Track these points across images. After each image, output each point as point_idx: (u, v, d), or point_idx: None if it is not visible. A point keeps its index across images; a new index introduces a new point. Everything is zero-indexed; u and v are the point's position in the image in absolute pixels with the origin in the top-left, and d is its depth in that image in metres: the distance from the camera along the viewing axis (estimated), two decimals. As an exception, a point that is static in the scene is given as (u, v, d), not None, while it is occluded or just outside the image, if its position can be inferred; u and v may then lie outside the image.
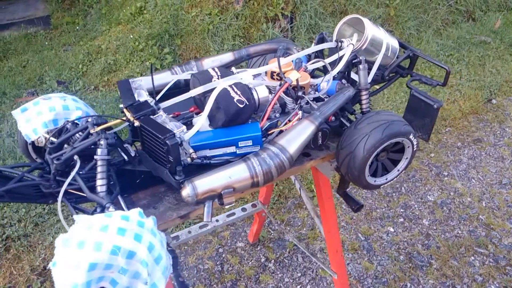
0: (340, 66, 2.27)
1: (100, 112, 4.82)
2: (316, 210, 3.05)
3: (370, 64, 2.47)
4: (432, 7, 6.29)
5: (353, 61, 2.33)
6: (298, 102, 2.18)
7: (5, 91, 5.07)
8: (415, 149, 2.29)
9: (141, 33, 5.22)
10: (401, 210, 4.32)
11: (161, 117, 2.00)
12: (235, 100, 2.04)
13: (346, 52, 2.32)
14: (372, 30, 2.36)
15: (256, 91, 2.15)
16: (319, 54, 2.58)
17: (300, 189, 3.12)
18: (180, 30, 5.26)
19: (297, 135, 2.03)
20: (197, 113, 2.21)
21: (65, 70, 5.31)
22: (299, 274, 3.77)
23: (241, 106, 2.04)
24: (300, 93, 2.16)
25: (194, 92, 2.09)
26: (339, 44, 2.40)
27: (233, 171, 1.93)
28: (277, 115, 2.23)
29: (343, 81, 2.34)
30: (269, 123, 2.19)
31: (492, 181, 4.63)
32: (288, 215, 4.26)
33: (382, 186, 2.36)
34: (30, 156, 2.20)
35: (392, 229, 4.15)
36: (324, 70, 2.49)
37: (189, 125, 2.23)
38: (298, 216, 4.25)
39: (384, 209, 4.34)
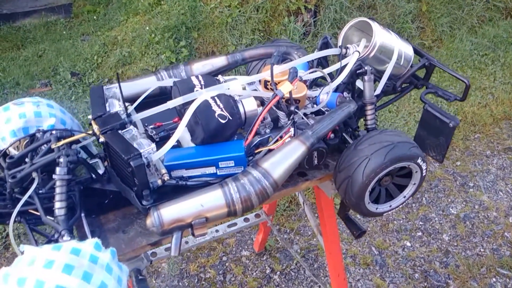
0: (341, 77, 1.98)
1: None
2: (320, 228, 2.77)
3: (380, 74, 2.17)
4: (468, 3, 5.86)
5: (358, 71, 2.04)
6: (291, 117, 1.91)
7: (19, 81, 4.94)
8: (424, 174, 1.99)
9: (157, 24, 5.00)
10: (420, 223, 4.00)
11: (131, 132, 1.76)
12: (216, 114, 1.78)
13: (350, 61, 2.02)
14: (381, 36, 2.06)
15: (242, 104, 1.88)
16: (323, 61, 2.30)
17: (303, 204, 2.85)
18: (198, 23, 5.01)
19: (283, 157, 1.76)
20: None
21: (80, 61, 5.14)
22: (305, 289, 3.52)
23: (223, 121, 1.78)
24: (293, 108, 1.89)
25: (172, 104, 1.84)
26: (344, 50, 2.11)
27: (206, 198, 1.68)
28: (268, 130, 1.97)
29: (345, 94, 2.04)
30: (259, 139, 1.93)
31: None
32: (299, 223, 4.00)
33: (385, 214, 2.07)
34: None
35: (409, 244, 3.84)
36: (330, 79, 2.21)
37: (169, 138, 2.00)
38: (308, 224, 3.97)
39: (402, 221, 4.03)
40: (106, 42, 5.19)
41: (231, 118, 1.80)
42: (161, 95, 2.09)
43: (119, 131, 1.75)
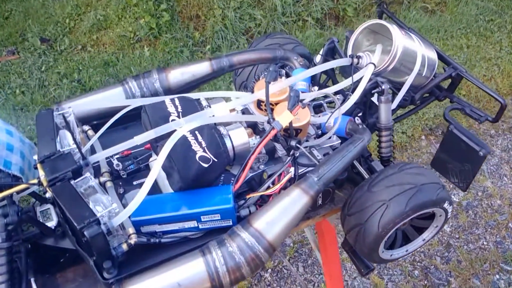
0: (353, 100, 1.57)
1: (87, 78, 4.18)
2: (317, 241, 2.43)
3: (397, 85, 1.77)
4: (474, -39, 5.33)
5: (373, 91, 1.63)
6: (291, 153, 1.51)
7: (-18, 48, 4.42)
8: (449, 216, 1.64)
9: (136, -17, 4.45)
10: (420, 212, 3.68)
11: (87, 182, 1.36)
12: (197, 157, 1.38)
13: (364, 77, 1.61)
14: (403, 43, 1.64)
15: (230, 138, 1.48)
16: (330, 71, 1.88)
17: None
18: (181, -18, 4.47)
19: (281, 213, 1.38)
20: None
21: (51, 25, 4.60)
22: (298, 288, 3.23)
23: (206, 166, 1.38)
24: (293, 143, 1.49)
25: (140, 140, 1.42)
26: (355, 61, 1.69)
27: (184, 273, 1.30)
28: (262, 166, 1.57)
29: (357, 119, 1.64)
30: (251, 175, 1.55)
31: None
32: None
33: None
34: None
35: (407, 236, 3.53)
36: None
37: (144, 171, 1.60)
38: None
39: (400, 210, 3.70)
40: (79, 3, 4.65)
41: (216, 160, 1.40)
42: (133, 110, 1.67)
43: (72, 182, 1.34)
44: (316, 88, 1.75)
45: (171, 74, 1.74)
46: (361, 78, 1.61)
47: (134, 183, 1.59)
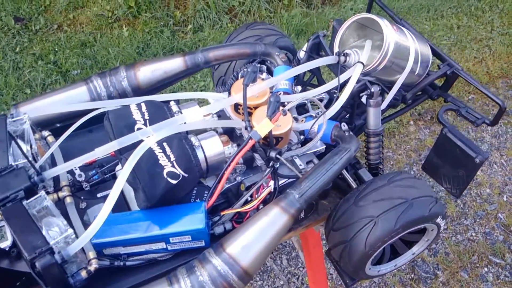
0: (339, 104, 1.43)
1: (63, 60, 3.97)
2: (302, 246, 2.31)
3: (388, 84, 1.63)
4: None
5: (362, 94, 1.48)
6: (271, 165, 1.37)
7: (-49, 26, 4.18)
8: (441, 230, 1.52)
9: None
10: (408, 202, 3.58)
11: (42, 202, 1.21)
12: (164, 173, 1.23)
13: (352, 78, 1.46)
14: (394, 40, 1.49)
15: (202, 149, 1.33)
16: (315, 70, 1.72)
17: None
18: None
19: (258, 236, 1.25)
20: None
21: (25, 3, 4.36)
22: (282, 283, 3.13)
23: (174, 182, 1.24)
24: (273, 154, 1.34)
25: (101, 152, 1.27)
26: (342, 59, 1.53)
27: (149, 306, 1.17)
28: (239, 178, 1.43)
29: (343, 125, 1.49)
30: (227, 186, 1.41)
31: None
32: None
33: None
34: None
35: (395, 227, 3.43)
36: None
37: (109, 181, 1.45)
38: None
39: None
40: (54, -21, 4.40)
41: (186, 175, 1.25)
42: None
43: (24, 202, 1.19)
44: (299, 88, 1.60)
45: (140, 71, 1.58)
46: (348, 79, 1.47)
47: (99, 195, 1.44)
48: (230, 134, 1.50)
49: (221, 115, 1.52)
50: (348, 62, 1.54)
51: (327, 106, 1.51)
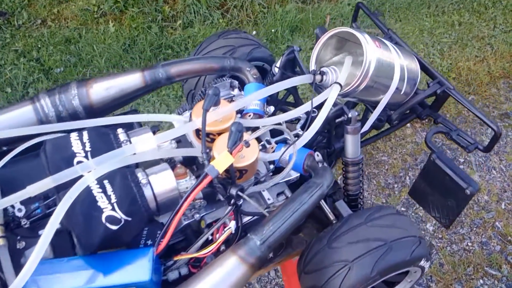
0: (311, 133, 1.25)
1: (46, 57, 3.79)
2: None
3: (371, 103, 1.45)
4: None
5: (338, 120, 1.31)
6: (232, 202, 1.20)
7: None
8: (425, 272, 1.35)
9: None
10: (402, 209, 3.42)
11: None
12: (103, 217, 1.07)
13: (326, 102, 1.28)
14: (376, 56, 1.31)
15: (151, 186, 1.16)
16: (292, 89, 1.55)
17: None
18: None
19: (213, 290, 1.08)
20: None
21: (7, -4, 4.17)
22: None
23: (115, 228, 1.07)
24: (234, 191, 1.17)
25: (35, 190, 1.10)
26: (318, 78, 1.36)
27: None
28: (197, 215, 1.26)
29: (317, 155, 1.32)
30: (186, 223, 1.24)
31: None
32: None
33: None
34: None
35: (387, 236, 3.27)
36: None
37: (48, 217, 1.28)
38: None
39: (381, 206, 3.43)
40: (39, -29, 4.20)
41: (129, 219, 1.09)
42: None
43: None
44: (272, 108, 1.43)
45: (93, 89, 1.41)
46: (323, 103, 1.29)
47: (40, 232, 1.27)
48: (193, 161, 1.33)
49: (181, 140, 1.35)
50: (325, 82, 1.36)
51: (304, 127, 1.34)
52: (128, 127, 1.36)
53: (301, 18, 4.25)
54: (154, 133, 1.31)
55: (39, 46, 3.88)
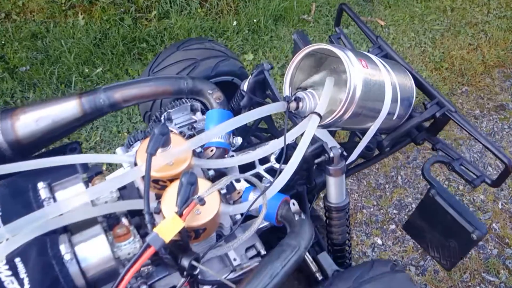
0: (286, 176, 1.00)
1: (11, 54, 3.49)
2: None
3: (358, 131, 1.19)
4: None
5: (317, 160, 1.05)
6: (186, 274, 0.95)
7: None
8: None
9: None
10: (394, 212, 3.20)
11: None
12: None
13: (303, 138, 1.03)
14: (362, 76, 1.05)
15: (77, 260, 0.90)
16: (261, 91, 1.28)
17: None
18: None
19: None
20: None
21: (-33, -14, 3.84)
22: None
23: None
24: (187, 262, 0.92)
25: None
26: (293, 106, 1.10)
27: None
28: (144, 286, 1.01)
29: (293, 203, 1.07)
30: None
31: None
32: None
33: None
34: None
35: (380, 241, 3.06)
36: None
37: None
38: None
39: (372, 209, 3.22)
40: (1, -41, 3.86)
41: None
42: None
43: None
44: (239, 140, 1.17)
45: (20, 121, 1.14)
46: (298, 138, 1.03)
47: None
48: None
49: (127, 186, 1.09)
50: (301, 109, 1.10)
51: (280, 159, 1.08)
52: (69, 167, 1.10)
53: (285, 6, 3.96)
54: (91, 179, 1.05)
55: (3, 42, 3.58)
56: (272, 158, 1.17)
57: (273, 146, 1.04)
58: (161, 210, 0.96)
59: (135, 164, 1.05)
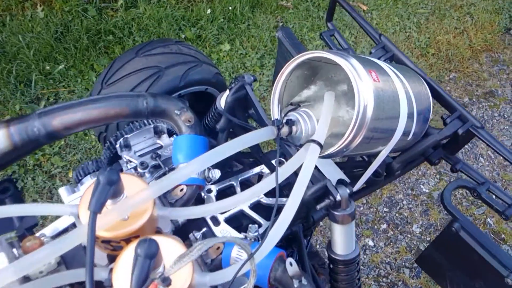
0: (278, 235, 0.74)
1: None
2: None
3: (366, 155, 0.95)
4: None
5: (319, 206, 0.80)
6: None
7: None
8: None
9: None
10: (385, 210, 2.99)
11: None
12: None
13: (300, 176, 0.77)
14: (372, 92, 0.80)
15: None
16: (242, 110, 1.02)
17: None
18: None
19: None
20: None
21: None
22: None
23: None
24: None
25: None
26: (286, 131, 0.84)
27: None
28: None
29: (290, 261, 0.82)
30: None
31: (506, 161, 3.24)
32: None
33: None
34: None
35: (371, 243, 2.86)
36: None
37: None
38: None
39: (362, 208, 3.00)
40: None
41: None
42: None
43: None
44: (217, 173, 0.91)
45: None
46: (295, 173, 0.78)
47: None
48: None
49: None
50: (295, 134, 0.85)
51: (272, 193, 0.83)
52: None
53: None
54: (21, 238, 0.78)
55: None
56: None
57: (262, 188, 0.79)
58: (112, 279, 0.71)
59: (79, 217, 0.79)
